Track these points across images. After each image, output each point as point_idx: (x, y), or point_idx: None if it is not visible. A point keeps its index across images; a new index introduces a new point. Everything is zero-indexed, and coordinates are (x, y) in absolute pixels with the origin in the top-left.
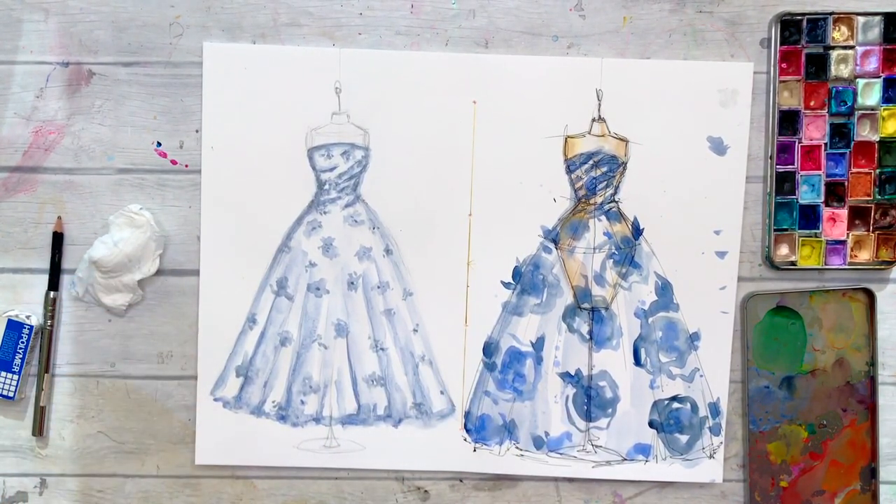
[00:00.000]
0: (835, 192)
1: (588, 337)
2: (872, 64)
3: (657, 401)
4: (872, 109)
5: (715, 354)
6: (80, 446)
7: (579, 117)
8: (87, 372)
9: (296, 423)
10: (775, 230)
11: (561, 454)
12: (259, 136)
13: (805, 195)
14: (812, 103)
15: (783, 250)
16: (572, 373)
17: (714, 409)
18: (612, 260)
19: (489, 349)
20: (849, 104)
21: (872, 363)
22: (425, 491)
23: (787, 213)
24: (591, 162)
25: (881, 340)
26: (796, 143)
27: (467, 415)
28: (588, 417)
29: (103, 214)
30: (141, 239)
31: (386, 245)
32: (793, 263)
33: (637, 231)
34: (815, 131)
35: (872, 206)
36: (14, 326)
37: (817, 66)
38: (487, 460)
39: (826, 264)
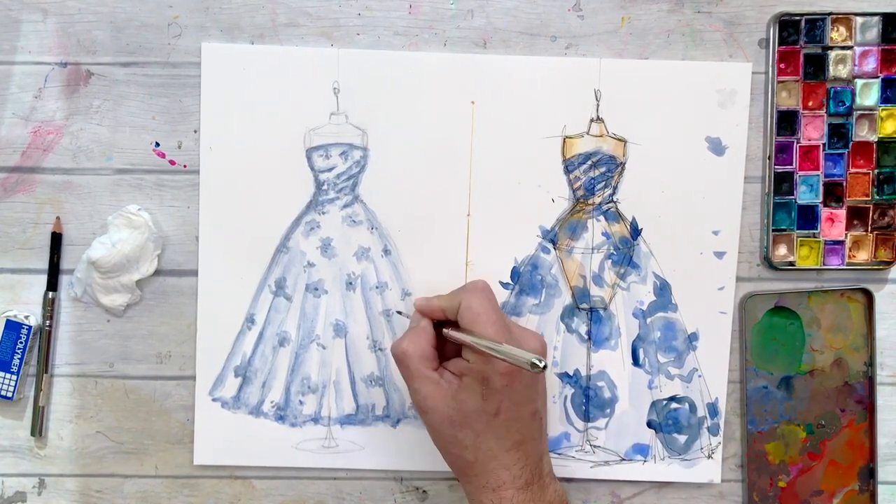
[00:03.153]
0: (833, 193)
1: (586, 337)
2: (871, 64)
3: (655, 401)
4: (871, 110)
5: (713, 355)
6: (79, 446)
7: (578, 118)
8: (86, 372)
9: (294, 424)
10: (773, 230)
11: (559, 454)
12: (257, 137)
13: (803, 195)
14: (810, 104)
15: (781, 250)
16: (570, 373)
17: (712, 410)
18: (610, 260)
19: None
20: (847, 104)
21: (871, 363)
22: (424, 491)
23: (786, 213)
24: (589, 162)
25: (879, 341)
26: (794, 144)
27: None
28: (586, 418)
29: (102, 215)
30: (139, 240)
31: (384, 245)
32: (791, 264)
33: (635, 231)
34: (813, 131)
35: (871, 206)
36: (13, 327)
37: (816, 67)
38: None
39: (824, 264)
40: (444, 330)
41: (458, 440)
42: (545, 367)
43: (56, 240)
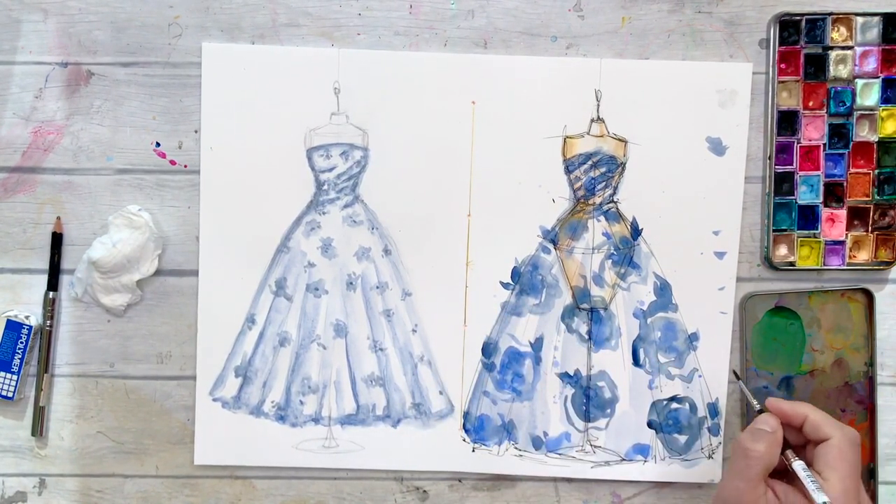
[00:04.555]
0: (833, 193)
1: (587, 337)
2: (871, 64)
3: (656, 401)
4: (871, 110)
5: (714, 355)
6: (80, 446)
7: (578, 118)
8: (87, 372)
9: (295, 424)
10: (774, 231)
11: (560, 454)
12: (258, 137)
13: (804, 195)
14: (811, 104)
15: (782, 251)
16: (571, 373)
17: (713, 410)
18: (610, 260)
19: (488, 349)
20: (847, 104)
21: (871, 363)
22: (424, 491)
23: (786, 213)
24: (589, 162)
25: (880, 341)
26: (795, 144)
27: (466, 415)
28: (587, 418)
29: (102, 215)
30: (139, 240)
31: (385, 245)
32: (791, 264)
33: (636, 231)
34: (813, 132)
35: (871, 206)
36: (13, 327)
37: (816, 67)
38: (486, 460)
39: (825, 265)
40: (794, 460)
41: None
42: None
43: (56, 240)
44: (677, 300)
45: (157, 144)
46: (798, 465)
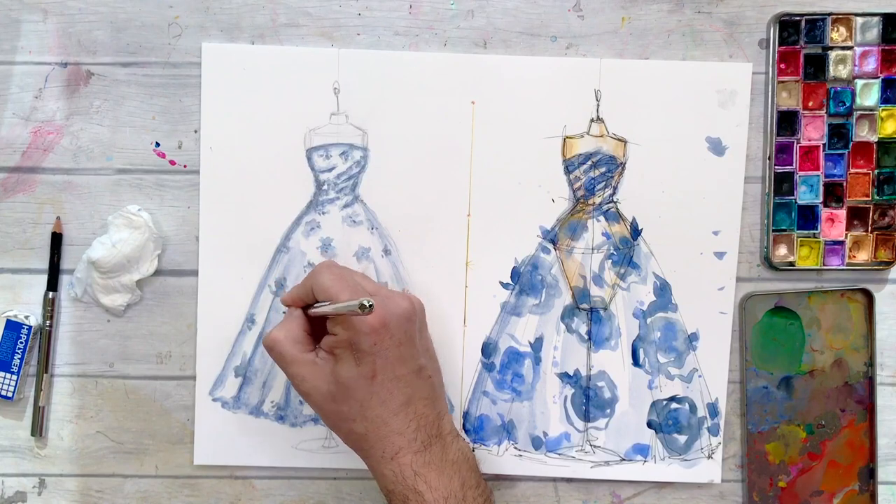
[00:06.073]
0: (833, 193)
1: (587, 337)
2: (871, 64)
3: (655, 401)
4: (871, 110)
5: (713, 355)
6: (79, 446)
7: (578, 118)
8: (86, 372)
9: (294, 424)
10: (774, 231)
11: (559, 454)
12: (257, 137)
13: (803, 196)
14: (810, 104)
15: (782, 251)
16: (571, 373)
17: (712, 410)
18: (610, 260)
19: (488, 349)
20: (847, 105)
21: (871, 364)
22: None
23: (786, 213)
24: (589, 162)
25: (879, 341)
26: (795, 144)
27: (466, 415)
28: (586, 418)
29: (102, 215)
30: (139, 240)
31: (384, 245)
32: (791, 264)
33: (635, 231)
34: (813, 132)
35: (871, 206)
36: (13, 327)
37: (816, 67)
38: (486, 460)
39: (824, 265)
40: (314, 307)
41: (344, 415)
42: (371, 306)
43: (56, 240)
44: (677, 300)
45: (157, 144)
46: (318, 308)
